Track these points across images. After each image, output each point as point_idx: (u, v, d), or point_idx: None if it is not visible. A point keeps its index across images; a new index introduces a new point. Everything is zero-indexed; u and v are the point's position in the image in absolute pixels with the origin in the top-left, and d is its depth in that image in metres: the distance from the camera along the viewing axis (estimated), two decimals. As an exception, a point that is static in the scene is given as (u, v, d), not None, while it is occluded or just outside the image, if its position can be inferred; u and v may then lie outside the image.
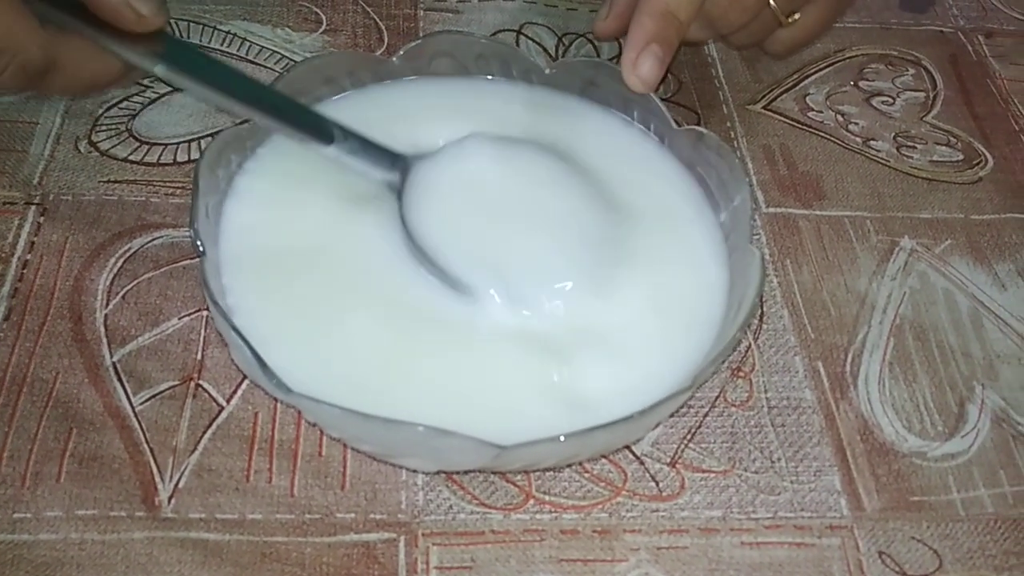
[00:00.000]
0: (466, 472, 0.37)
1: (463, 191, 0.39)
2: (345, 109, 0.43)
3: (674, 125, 0.42)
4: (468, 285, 0.38)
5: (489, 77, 0.46)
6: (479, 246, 0.38)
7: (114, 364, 0.38)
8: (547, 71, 0.45)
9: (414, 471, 0.36)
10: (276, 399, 0.38)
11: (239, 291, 0.36)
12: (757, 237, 0.45)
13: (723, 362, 0.36)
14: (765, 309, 0.43)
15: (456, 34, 0.49)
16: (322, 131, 0.39)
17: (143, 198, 0.44)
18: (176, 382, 0.38)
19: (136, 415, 0.37)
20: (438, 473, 0.37)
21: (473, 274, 0.38)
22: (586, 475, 0.37)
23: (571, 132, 0.44)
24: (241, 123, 0.40)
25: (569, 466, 0.37)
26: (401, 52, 0.44)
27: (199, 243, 0.35)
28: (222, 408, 0.38)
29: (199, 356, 0.39)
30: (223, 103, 0.38)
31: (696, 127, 0.42)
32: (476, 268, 0.38)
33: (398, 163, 0.40)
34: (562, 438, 0.31)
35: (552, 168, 0.41)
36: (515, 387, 0.36)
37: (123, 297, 0.40)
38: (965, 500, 0.38)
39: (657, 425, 0.38)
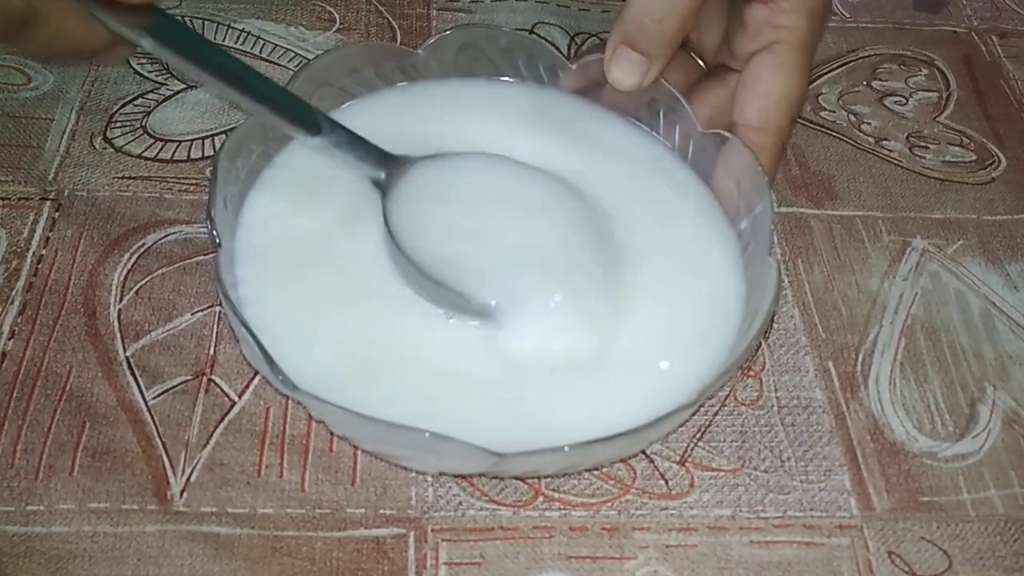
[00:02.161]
0: (476, 469, 0.37)
1: (456, 202, 0.39)
2: (368, 110, 0.43)
3: (699, 128, 0.42)
4: (461, 298, 0.37)
5: (506, 79, 0.46)
6: (470, 256, 0.37)
7: (127, 359, 0.39)
8: (573, 67, 0.44)
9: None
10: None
11: (253, 282, 0.37)
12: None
13: (731, 377, 0.36)
14: (776, 309, 0.43)
15: (482, 27, 0.49)
16: (309, 121, 0.38)
17: (157, 194, 0.44)
18: (189, 377, 0.38)
19: (149, 409, 0.37)
20: (442, 474, 0.37)
21: (467, 285, 0.37)
22: (595, 473, 0.37)
23: (586, 138, 0.44)
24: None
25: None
26: (430, 42, 0.44)
27: (215, 233, 0.35)
28: (234, 403, 0.38)
29: (211, 351, 0.39)
30: (209, 82, 0.37)
31: (720, 131, 0.41)
32: (470, 280, 0.37)
33: (385, 162, 0.39)
34: (567, 448, 0.31)
35: (552, 193, 0.40)
36: (521, 388, 0.36)
37: (137, 292, 0.41)
38: (975, 501, 0.38)
39: (663, 437, 0.38)
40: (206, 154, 0.46)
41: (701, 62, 0.46)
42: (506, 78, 0.46)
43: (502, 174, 0.40)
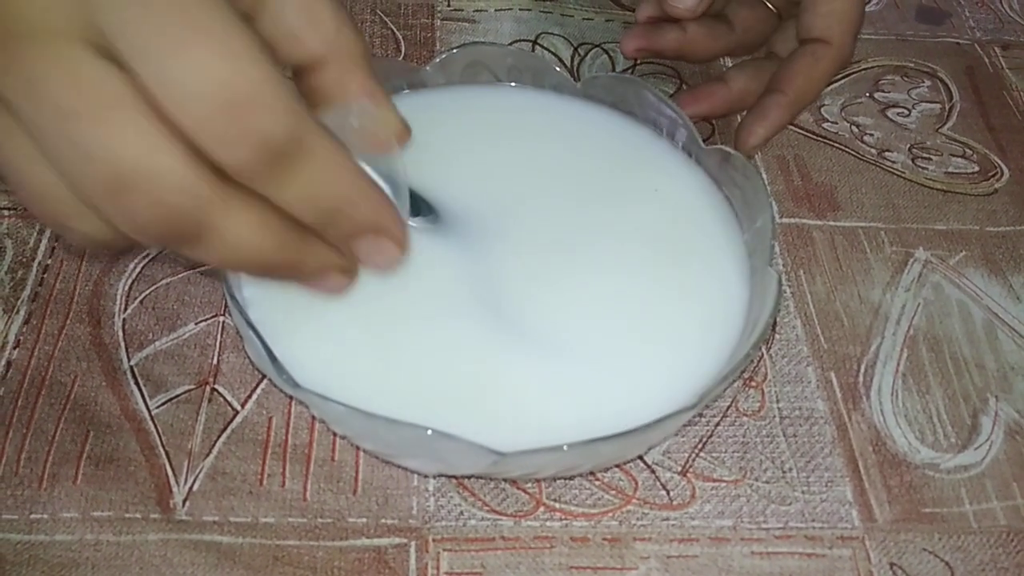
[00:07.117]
0: (477, 478, 0.37)
1: None
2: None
3: (701, 143, 0.42)
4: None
5: (512, 85, 0.46)
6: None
7: (131, 368, 0.39)
8: (578, 85, 0.45)
9: (425, 476, 0.37)
10: (290, 403, 0.38)
11: (258, 284, 0.37)
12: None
13: (732, 383, 0.36)
14: (778, 319, 0.43)
15: (489, 45, 0.50)
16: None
17: (162, 204, 0.44)
18: (192, 386, 0.39)
19: (152, 418, 0.37)
20: (447, 477, 0.37)
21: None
22: (597, 483, 0.37)
23: (598, 143, 0.44)
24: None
25: (573, 477, 0.37)
26: (436, 61, 0.44)
27: None
28: (237, 412, 0.38)
29: (215, 361, 0.39)
30: None
31: (723, 147, 0.41)
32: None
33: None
34: (565, 447, 0.31)
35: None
36: (524, 390, 0.36)
37: (141, 302, 0.41)
38: (978, 512, 0.38)
39: (663, 440, 0.38)
40: (211, 164, 0.46)
41: (771, 6, 0.50)
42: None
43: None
